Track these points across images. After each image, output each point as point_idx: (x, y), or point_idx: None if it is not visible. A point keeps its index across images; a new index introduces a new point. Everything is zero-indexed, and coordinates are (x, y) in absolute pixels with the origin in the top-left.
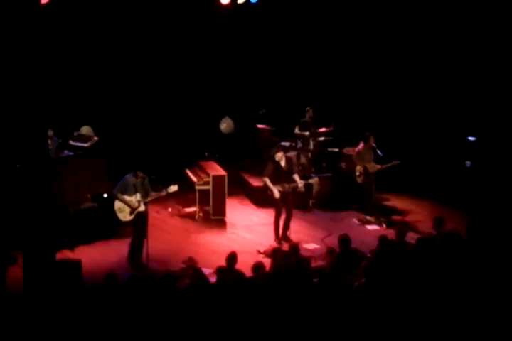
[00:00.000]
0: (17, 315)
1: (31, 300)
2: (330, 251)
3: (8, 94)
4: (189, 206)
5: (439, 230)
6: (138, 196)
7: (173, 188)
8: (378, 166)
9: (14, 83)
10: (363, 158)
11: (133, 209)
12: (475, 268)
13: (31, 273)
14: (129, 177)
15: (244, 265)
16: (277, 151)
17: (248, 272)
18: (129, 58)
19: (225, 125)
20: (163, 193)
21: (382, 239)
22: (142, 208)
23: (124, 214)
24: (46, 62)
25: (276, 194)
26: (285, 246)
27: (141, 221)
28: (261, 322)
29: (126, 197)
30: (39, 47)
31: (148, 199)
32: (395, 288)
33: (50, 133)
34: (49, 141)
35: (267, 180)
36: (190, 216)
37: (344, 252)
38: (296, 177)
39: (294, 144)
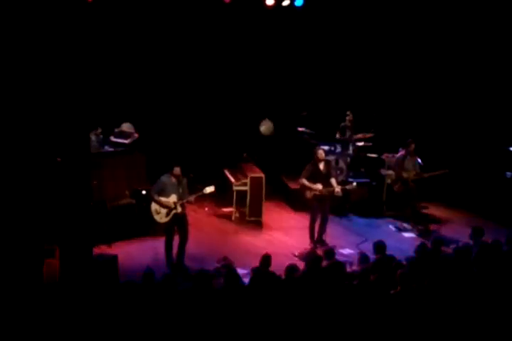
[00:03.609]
0: (53, 308)
1: (67, 293)
2: (363, 257)
3: (53, 89)
4: (226, 206)
5: (477, 240)
6: (174, 197)
7: (209, 189)
8: (425, 174)
9: (58, 78)
10: (402, 166)
11: (169, 211)
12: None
13: (68, 267)
14: (165, 178)
15: (279, 267)
16: (319, 149)
17: (282, 274)
18: (173, 57)
19: (265, 127)
20: (197, 195)
21: (421, 247)
22: (178, 210)
23: (161, 216)
24: (90, 58)
25: (319, 186)
26: (320, 250)
27: (176, 223)
28: (292, 324)
29: (163, 199)
30: (85, 44)
31: (185, 200)
32: (430, 297)
33: (99, 131)
34: (93, 137)
35: (305, 181)
36: (227, 216)
37: (379, 258)
38: (333, 181)
39: (333, 148)
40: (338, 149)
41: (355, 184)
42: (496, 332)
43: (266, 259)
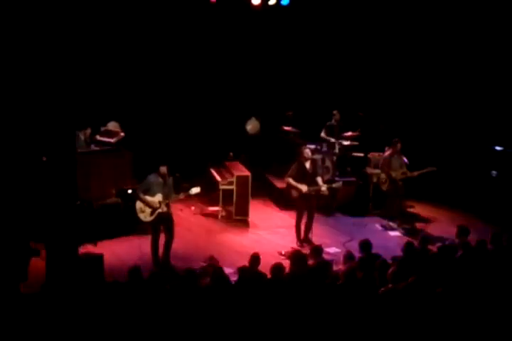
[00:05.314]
0: (39, 308)
1: (53, 292)
2: (348, 255)
3: (38, 88)
4: (212, 205)
5: (462, 239)
6: (160, 196)
7: (195, 190)
8: (414, 173)
9: (43, 77)
10: (389, 165)
11: (153, 210)
12: (498, 278)
13: (54, 266)
14: (152, 177)
15: (265, 266)
16: (305, 148)
17: (268, 273)
18: (158, 56)
19: (251, 126)
20: (182, 196)
21: (408, 245)
22: (163, 209)
23: (145, 215)
24: (75, 57)
25: (304, 188)
26: (306, 249)
27: (162, 222)
28: (279, 323)
29: (148, 198)
30: (70, 42)
31: (170, 200)
32: (420, 294)
33: (88, 131)
34: (82, 137)
35: (291, 180)
36: (213, 215)
37: (365, 257)
38: (319, 180)
39: (319, 147)
40: (325, 148)
41: (341, 182)
42: (484, 330)
43: (255, 259)
